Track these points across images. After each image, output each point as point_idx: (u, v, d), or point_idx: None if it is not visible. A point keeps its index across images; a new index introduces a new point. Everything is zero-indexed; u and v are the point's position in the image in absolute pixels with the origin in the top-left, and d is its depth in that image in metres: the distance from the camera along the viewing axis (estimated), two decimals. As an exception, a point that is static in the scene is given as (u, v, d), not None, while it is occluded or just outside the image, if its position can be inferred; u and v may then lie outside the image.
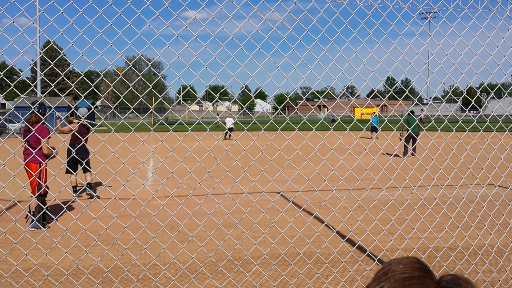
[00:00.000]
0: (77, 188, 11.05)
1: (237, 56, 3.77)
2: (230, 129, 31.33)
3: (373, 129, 27.60)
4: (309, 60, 4.04)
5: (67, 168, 10.27)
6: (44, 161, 7.71)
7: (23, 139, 7.63)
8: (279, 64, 3.85)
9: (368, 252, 4.96)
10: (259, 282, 5.27)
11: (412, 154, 17.53)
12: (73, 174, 10.11)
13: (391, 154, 4.87)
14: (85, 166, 9.58)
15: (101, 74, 3.65)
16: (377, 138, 27.57)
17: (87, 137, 8.55)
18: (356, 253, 5.89)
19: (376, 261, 5.19)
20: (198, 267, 5.63)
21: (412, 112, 20.71)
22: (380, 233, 5.13)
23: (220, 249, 4.89)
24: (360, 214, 6.33)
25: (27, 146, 7.66)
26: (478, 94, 4.69)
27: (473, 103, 4.58)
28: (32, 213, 8.05)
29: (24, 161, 7.54)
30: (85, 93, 3.74)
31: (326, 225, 5.03)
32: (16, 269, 5.64)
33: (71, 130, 10.13)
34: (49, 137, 7.85)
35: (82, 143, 8.57)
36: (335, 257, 5.77)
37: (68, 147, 9.72)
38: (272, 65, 3.86)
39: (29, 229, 7.87)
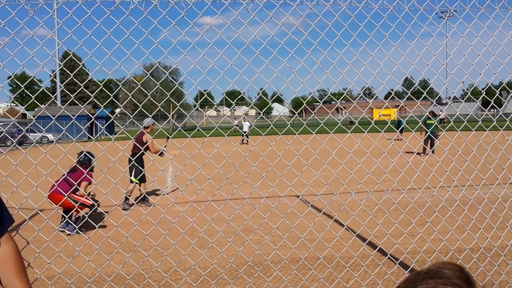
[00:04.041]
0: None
1: (253, 61, 3.79)
2: (246, 134, 31.51)
3: (401, 131, 27.87)
4: (325, 63, 4.04)
5: (135, 177, 10.72)
6: (66, 193, 8.08)
7: (66, 173, 8.13)
8: (295, 69, 3.85)
9: (389, 255, 4.93)
10: (280, 287, 5.27)
11: (431, 152, 17.54)
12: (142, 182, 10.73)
13: (415, 153, 4.84)
14: (144, 176, 10.25)
15: (119, 83, 3.70)
16: (400, 139, 27.61)
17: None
18: (376, 256, 5.85)
19: (398, 264, 5.15)
20: (219, 272, 5.65)
21: (433, 113, 20.66)
22: (401, 236, 5.09)
23: (240, 254, 4.90)
24: (380, 217, 6.29)
25: (64, 181, 7.94)
26: (497, 94, 4.65)
27: (492, 102, 4.53)
28: (75, 219, 8.61)
29: (50, 190, 7.84)
30: (105, 103, 3.79)
31: (346, 228, 5.01)
32: (40, 277, 5.72)
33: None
34: (90, 184, 8.55)
35: (141, 153, 9.23)
36: (356, 261, 5.74)
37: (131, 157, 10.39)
38: (288, 69, 3.87)
39: (69, 232, 8.42)
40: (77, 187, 8.23)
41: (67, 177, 7.92)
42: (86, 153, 8.72)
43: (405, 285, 0.96)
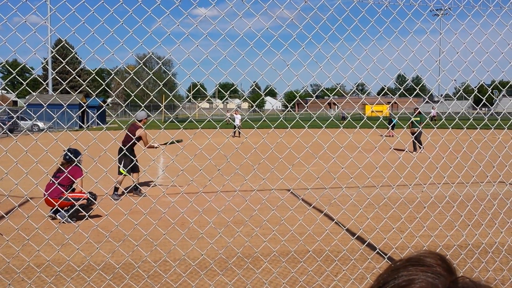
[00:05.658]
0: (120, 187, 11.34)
1: (247, 54, 3.78)
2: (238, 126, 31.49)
3: (392, 127, 28.06)
4: (319, 57, 4.04)
5: (125, 169, 10.72)
6: (61, 195, 8.19)
7: (54, 177, 8.21)
8: (289, 62, 3.85)
9: (378, 250, 4.95)
10: (269, 279, 5.29)
11: (422, 148, 17.69)
12: (129, 174, 10.80)
13: (406, 150, 4.86)
14: (137, 166, 10.30)
15: (112, 72, 3.68)
16: (391, 136, 27.94)
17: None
18: (365, 250, 5.89)
19: (386, 259, 5.18)
20: (208, 263, 5.65)
21: (418, 110, 20.89)
22: (390, 231, 5.12)
23: (230, 246, 4.91)
24: (370, 212, 6.32)
25: (53, 181, 7.87)
26: (489, 92, 4.67)
27: (484, 100, 4.55)
28: (67, 209, 8.67)
29: (45, 194, 7.86)
30: (97, 91, 3.76)
31: (335, 222, 5.04)
32: (29, 265, 5.70)
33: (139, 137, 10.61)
34: (83, 177, 8.48)
35: (131, 145, 9.26)
36: (345, 255, 5.77)
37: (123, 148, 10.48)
38: (282, 62, 3.86)
39: (60, 218, 8.48)
40: (74, 181, 8.30)
41: (57, 178, 7.95)
42: (71, 150, 8.67)
43: (387, 273, 0.97)
